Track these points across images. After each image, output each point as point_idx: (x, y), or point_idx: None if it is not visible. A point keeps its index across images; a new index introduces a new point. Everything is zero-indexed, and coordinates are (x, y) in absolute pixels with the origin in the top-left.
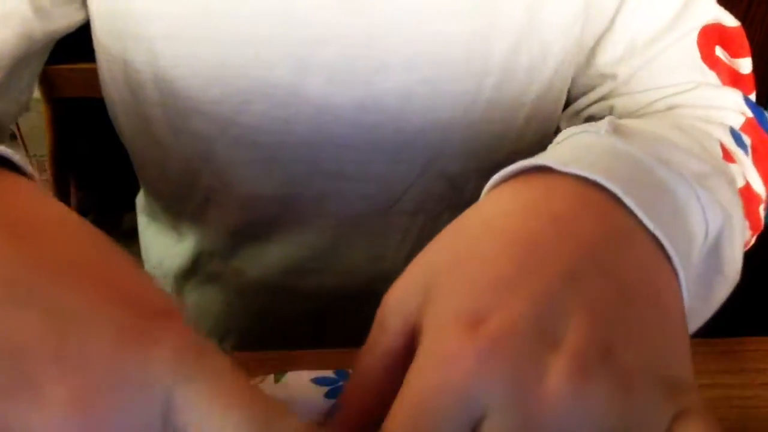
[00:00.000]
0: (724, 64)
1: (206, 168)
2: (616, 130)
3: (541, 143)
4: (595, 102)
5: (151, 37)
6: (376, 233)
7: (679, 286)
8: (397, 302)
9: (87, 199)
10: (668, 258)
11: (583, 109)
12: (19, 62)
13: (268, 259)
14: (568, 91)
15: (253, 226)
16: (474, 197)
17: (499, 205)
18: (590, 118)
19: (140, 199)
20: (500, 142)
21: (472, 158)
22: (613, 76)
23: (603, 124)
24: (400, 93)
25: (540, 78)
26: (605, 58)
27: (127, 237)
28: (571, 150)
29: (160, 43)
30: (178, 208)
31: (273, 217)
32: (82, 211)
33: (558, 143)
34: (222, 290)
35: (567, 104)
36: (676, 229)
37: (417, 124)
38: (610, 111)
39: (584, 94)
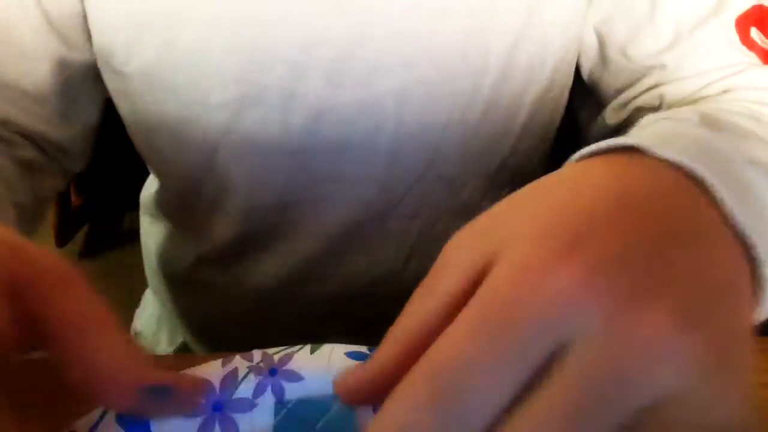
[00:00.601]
0: (759, 46)
1: (208, 176)
2: (705, 122)
3: (541, 145)
4: (644, 92)
5: (146, 44)
6: (374, 239)
7: (759, 288)
8: (464, 242)
9: (87, 200)
10: (751, 260)
11: (630, 101)
12: (67, 90)
13: (267, 268)
14: (610, 86)
15: (254, 234)
16: (471, 201)
17: (569, 172)
18: (638, 110)
19: (144, 199)
20: (499, 144)
21: (470, 161)
22: (661, 66)
23: (690, 114)
24: (397, 93)
25: (539, 78)
26: (650, 49)
27: (127, 237)
28: (656, 135)
29: (156, 51)
30: (188, 214)
31: (273, 224)
32: (83, 212)
33: (641, 128)
34: (220, 296)
35: (608, 99)
36: (762, 230)
37: (415, 125)
38: (660, 99)
39: (629, 86)
